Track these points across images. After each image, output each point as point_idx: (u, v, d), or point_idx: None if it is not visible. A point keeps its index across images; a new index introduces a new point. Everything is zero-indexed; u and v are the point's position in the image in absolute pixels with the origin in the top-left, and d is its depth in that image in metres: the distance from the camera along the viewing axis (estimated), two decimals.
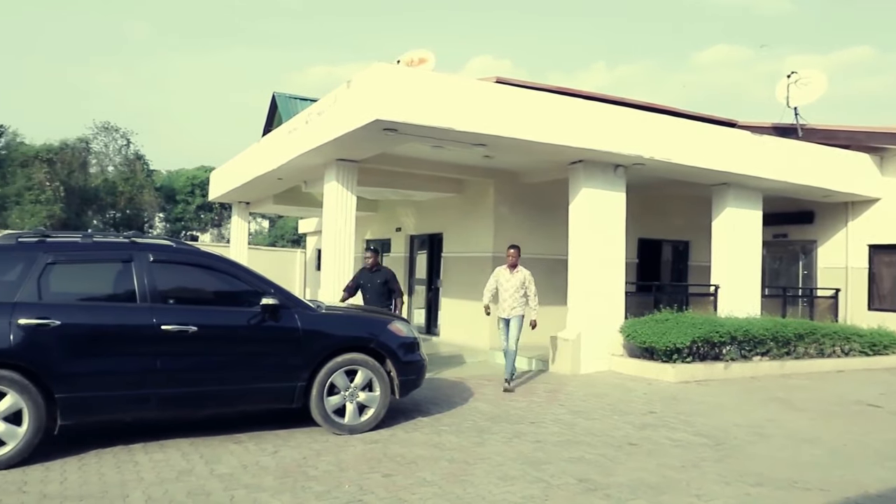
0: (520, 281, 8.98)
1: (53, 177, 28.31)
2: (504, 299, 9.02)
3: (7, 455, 5.08)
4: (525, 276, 9.01)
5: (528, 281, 8.99)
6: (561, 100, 9.83)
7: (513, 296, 8.95)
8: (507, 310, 9.01)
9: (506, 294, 9.01)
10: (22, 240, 5.71)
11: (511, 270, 9.05)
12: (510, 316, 8.98)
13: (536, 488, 4.94)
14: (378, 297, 9.53)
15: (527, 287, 8.98)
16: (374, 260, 9.71)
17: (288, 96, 22.29)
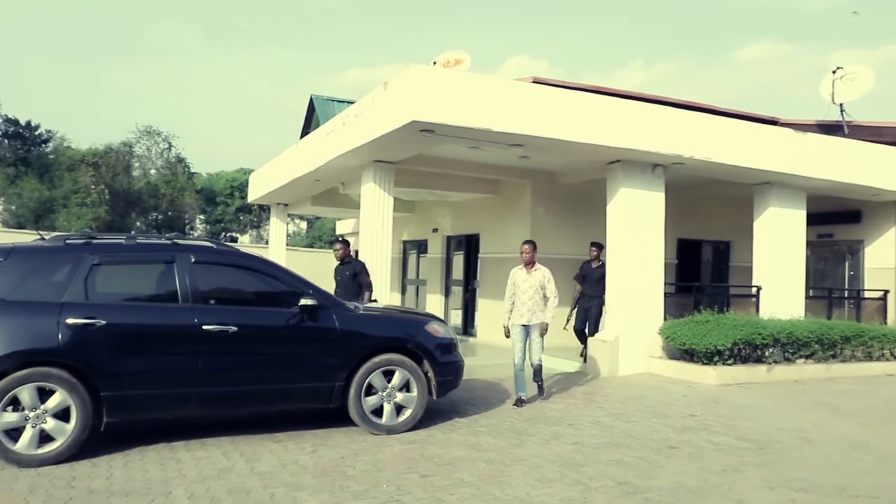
0: (538, 281, 8.00)
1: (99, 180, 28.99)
2: (522, 303, 7.99)
3: (56, 451, 5.22)
4: (544, 274, 8.03)
5: (548, 280, 8.03)
6: (598, 99, 9.75)
7: (532, 298, 7.95)
8: (525, 315, 7.96)
9: (524, 297, 7.99)
10: (69, 242, 5.86)
11: (528, 270, 8.07)
12: (530, 323, 7.95)
13: (574, 491, 4.89)
14: (347, 291, 9.25)
15: (546, 287, 8.03)
16: (343, 252, 9.52)
17: (325, 98, 22.46)
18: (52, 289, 5.49)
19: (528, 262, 8.06)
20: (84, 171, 28.84)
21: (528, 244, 8.12)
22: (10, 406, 5.13)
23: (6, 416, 5.11)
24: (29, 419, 5.17)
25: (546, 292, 8.02)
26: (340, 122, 10.88)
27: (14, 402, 5.14)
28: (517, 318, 8.00)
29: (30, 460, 5.14)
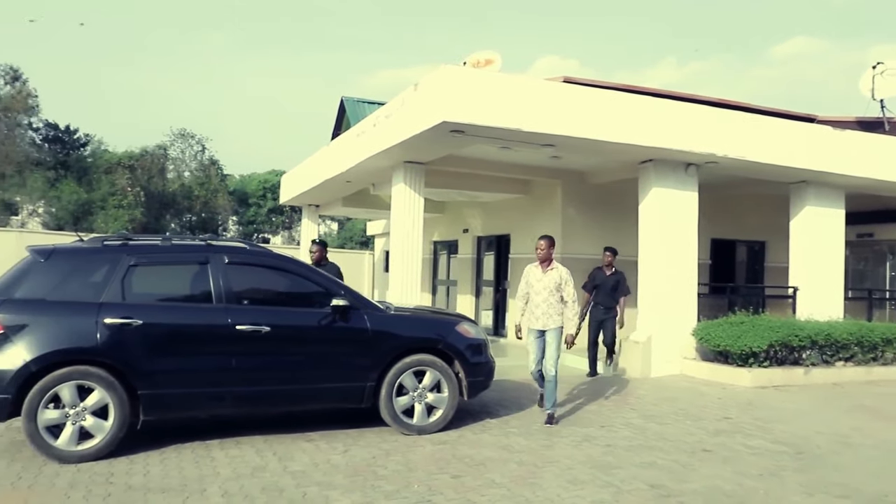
0: (553, 282, 7.05)
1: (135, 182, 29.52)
2: (536, 305, 7.08)
3: (95, 447, 5.33)
4: (560, 275, 7.05)
5: (565, 281, 7.04)
6: (630, 98, 9.66)
7: (546, 300, 7.00)
8: (540, 319, 7.05)
9: (537, 298, 7.06)
10: (107, 243, 5.97)
11: (543, 268, 7.15)
12: (545, 327, 7.03)
13: (607, 493, 4.85)
14: None
15: (563, 289, 7.06)
16: (319, 254, 9.05)
17: (356, 100, 22.58)
18: (90, 289, 5.60)
19: (543, 259, 7.14)
20: (121, 174, 29.38)
21: (543, 239, 7.20)
22: (51, 403, 5.25)
23: (48, 413, 5.23)
24: (69, 416, 5.29)
25: (564, 295, 7.03)
26: (371, 123, 10.94)
27: (55, 400, 5.26)
28: (532, 322, 7.13)
29: (70, 456, 5.25)
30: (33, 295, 5.47)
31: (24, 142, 29.16)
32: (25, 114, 28.63)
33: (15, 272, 5.64)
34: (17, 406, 5.20)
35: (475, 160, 11.59)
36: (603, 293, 10.04)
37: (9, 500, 4.51)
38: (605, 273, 10.09)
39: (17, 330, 5.27)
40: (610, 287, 9.99)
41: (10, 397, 5.16)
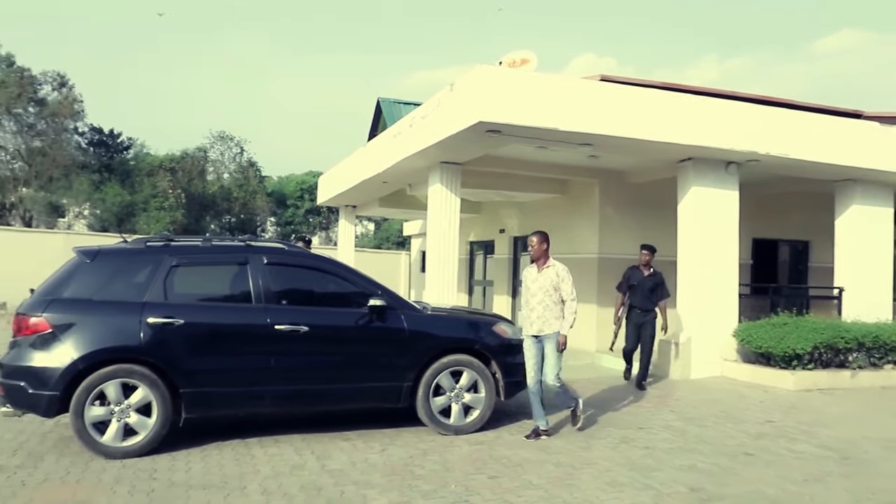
0: (549, 281, 6.37)
1: (175, 184, 30.03)
2: (531, 308, 6.43)
3: (139, 444, 5.44)
4: (557, 273, 6.37)
5: (563, 279, 6.37)
6: (669, 96, 9.54)
7: (542, 302, 6.35)
8: (535, 323, 6.39)
9: (533, 301, 6.42)
10: (150, 244, 6.10)
11: (538, 267, 6.51)
12: (541, 332, 6.36)
13: (646, 496, 4.80)
14: None
15: (560, 290, 6.42)
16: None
17: (392, 101, 22.70)
18: (134, 289, 5.73)
19: (536, 257, 6.49)
20: (162, 177, 29.92)
21: (535, 235, 6.53)
22: (97, 401, 5.38)
23: (94, 410, 5.36)
24: (114, 413, 5.41)
25: (562, 294, 6.41)
26: (407, 123, 10.98)
27: (101, 397, 5.39)
28: (527, 326, 6.48)
29: (115, 452, 5.38)
30: (80, 295, 5.60)
31: (71, 146, 29.86)
32: (72, 119, 29.33)
33: (62, 273, 5.79)
34: (65, 403, 5.34)
35: (512, 160, 11.56)
36: (640, 295, 9.17)
37: (59, 493, 4.63)
38: (642, 273, 9.23)
39: (65, 329, 5.41)
40: (648, 288, 9.14)
41: (59, 394, 5.30)
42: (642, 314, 9.19)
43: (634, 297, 9.23)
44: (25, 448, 5.69)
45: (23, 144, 28.17)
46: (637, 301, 9.22)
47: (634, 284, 9.24)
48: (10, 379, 5.39)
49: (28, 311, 5.49)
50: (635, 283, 9.23)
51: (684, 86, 11.30)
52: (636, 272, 9.29)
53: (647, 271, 9.24)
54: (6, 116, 27.46)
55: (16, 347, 5.49)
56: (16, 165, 28.43)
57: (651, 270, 9.24)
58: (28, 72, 28.05)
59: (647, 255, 9.27)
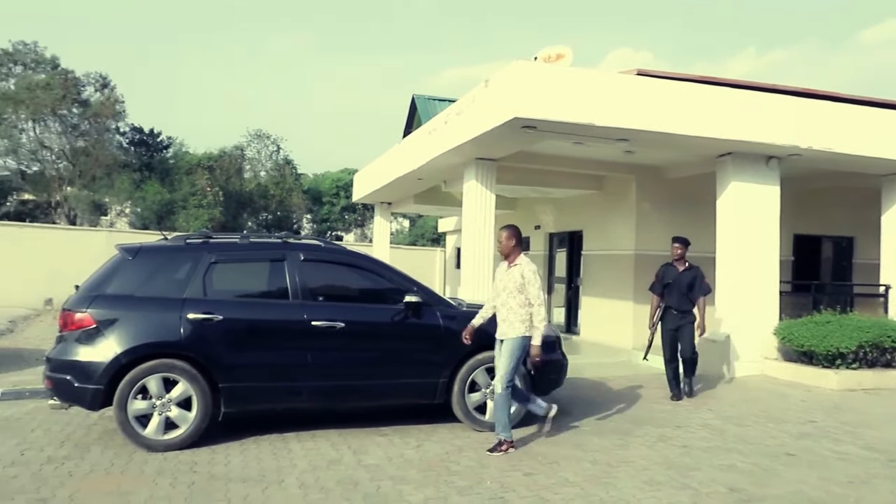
0: (514, 281, 5.81)
1: (213, 182, 30.45)
2: (497, 309, 5.95)
3: (180, 437, 5.55)
4: (523, 272, 5.80)
5: (528, 281, 5.77)
6: (707, 90, 9.39)
7: (506, 304, 5.81)
8: (500, 326, 5.88)
9: (498, 300, 5.91)
10: (189, 241, 6.21)
11: (508, 265, 5.99)
12: (503, 336, 5.82)
13: (684, 495, 4.74)
14: None
15: (527, 290, 5.79)
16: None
17: (427, 98, 22.72)
18: (174, 285, 5.83)
19: (504, 253, 6.00)
20: (200, 175, 30.37)
21: (504, 230, 6.05)
22: (139, 394, 5.50)
23: (136, 404, 5.48)
24: (156, 407, 5.52)
25: (529, 298, 5.79)
26: (442, 120, 10.98)
27: (143, 391, 5.51)
28: (496, 329, 5.97)
29: (157, 445, 5.49)
30: (122, 291, 5.73)
31: (112, 145, 30.49)
32: (113, 119, 29.95)
33: (105, 269, 5.93)
34: (109, 396, 5.47)
35: (547, 156, 11.50)
36: (676, 294, 8.21)
37: (104, 484, 4.75)
38: (676, 269, 8.28)
39: (109, 324, 5.54)
40: (685, 286, 8.20)
41: (103, 388, 5.43)
42: (679, 316, 8.19)
43: (670, 296, 8.25)
44: (72, 439, 5.84)
45: (67, 145, 28.84)
46: (673, 301, 8.23)
47: (669, 283, 8.27)
48: (56, 373, 5.54)
49: (73, 306, 5.63)
50: (670, 282, 8.27)
51: (723, 79, 11.10)
52: (670, 269, 8.35)
53: (682, 266, 8.30)
54: (51, 118, 28.13)
55: (62, 342, 5.64)
56: (61, 165, 29.13)
57: (686, 265, 8.30)
58: (72, 74, 28.72)
59: (679, 249, 8.32)
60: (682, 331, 8.20)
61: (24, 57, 28.74)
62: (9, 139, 27.96)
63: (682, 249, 8.32)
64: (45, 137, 28.76)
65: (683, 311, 8.20)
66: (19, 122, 28.08)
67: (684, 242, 8.36)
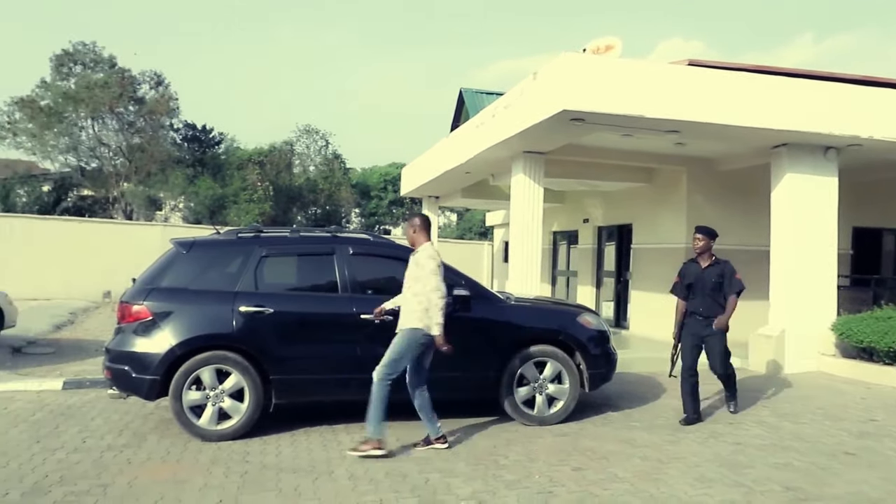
0: (411, 269, 5.59)
1: (264, 177, 30.95)
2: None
3: (232, 427, 5.67)
4: (417, 258, 5.54)
5: (419, 265, 5.48)
6: (761, 79, 9.14)
7: (404, 294, 5.61)
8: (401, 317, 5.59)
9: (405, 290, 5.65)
10: (241, 235, 6.33)
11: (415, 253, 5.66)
12: (400, 327, 5.54)
13: (737, 493, 4.64)
14: None
15: (423, 279, 5.42)
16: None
17: (475, 91, 22.69)
18: (226, 279, 5.96)
19: (410, 243, 5.78)
20: (251, 170, 30.90)
21: (415, 217, 5.79)
22: (193, 385, 5.63)
23: (191, 395, 5.62)
24: (209, 398, 5.65)
25: (425, 285, 5.40)
26: (490, 113, 10.95)
27: (197, 382, 5.64)
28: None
29: (210, 435, 5.62)
30: (177, 284, 5.87)
31: (167, 142, 31.25)
32: (168, 116, 30.70)
33: (161, 263, 6.09)
34: (164, 387, 5.62)
35: (596, 149, 11.37)
36: (701, 295, 6.79)
37: (161, 472, 4.88)
38: (699, 265, 6.87)
39: (164, 317, 5.68)
40: (710, 285, 6.75)
41: (159, 378, 5.59)
42: (705, 322, 6.76)
43: (693, 299, 6.87)
44: (130, 428, 6.03)
45: (124, 141, 29.68)
46: (696, 304, 6.83)
47: (693, 282, 6.86)
48: (115, 363, 5.71)
49: (130, 299, 5.80)
50: (694, 281, 6.85)
51: (778, 68, 10.81)
52: (692, 266, 6.95)
53: (707, 262, 6.85)
54: (109, 115, 28.98)
55: (120, 333, 5.81)
56: (118, 161, 29.99)
57: (713, 259, 6.85)
58: (128, 72, 29.53)
59: (701, 241, 6.84)
60: (708, 341, 6.76)
61: (83, 57, 29.64)
62: (69, 137, 28.91)
63: (704, 241, 6.83)
64: (103, 135, 29.64)
65: (709, 316, 6.75)
66: (79, 121, 29.00)
67: (708, 233, 6.88)
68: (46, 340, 11.59)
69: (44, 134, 28.42)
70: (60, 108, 28.25)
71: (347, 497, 4.46)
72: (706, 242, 6.84)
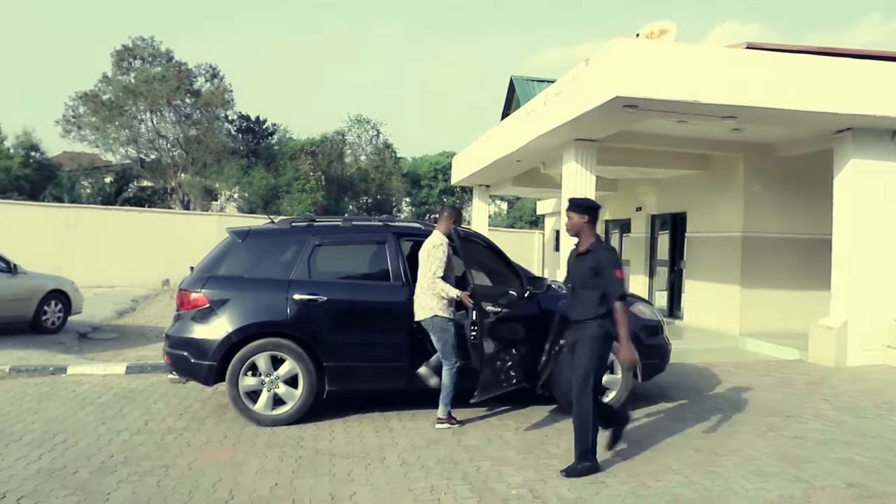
0: (424, 253, 5.84)
1: (316, 167, 31.34)
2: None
3: (287, 413, 5.78)
4: (428, 246, 5.84)
5: (433, 255, 5.74)
6: (824, 61, 8.82)
7: (419, 282, 5.87)
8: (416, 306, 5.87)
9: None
10: (294, 224, 6.42)
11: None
12: (420, 319, 5.82)
13: (796, 488, 4.53)
14: None
15: (428, 264, 5.74)
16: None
17: (525, 79, 22.50)
18: (281, 267, 6.06)
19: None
20: (303, 160, 31.32)
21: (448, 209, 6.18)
22: (249, 371, 5.76)
23: (247, 380, 5.75)
24: (264, 384, 5.77)
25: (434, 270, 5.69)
26: (541, 101, 10.84)
27: (252, 368, 5.77)
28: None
29: (266, 420, 5.74)
30: (233, 272, 6.01)
31: (222, 133, 31.91)
32: (223, 108, 31.35)
33: (217, 252, 6.23)
34: (221, 372, 5.76)
35: (649, 135, 11.15)
36: (571, 291, 5.03)
37: (219, 455, 5.02)
38: (575, 251, 5.01)
39: (221, 304, 5.82)
40: (579, 278, 4.86)
41: (216, 364, 5.73)
42: (574, 327, 4.90)
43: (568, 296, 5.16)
44: (189, 412, 6.21)
45: (181, 133, 30.46)
46: (568, 303, 5.10)
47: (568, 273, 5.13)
48: (175, 349, 5.89)
49: (189, 287, 5.95)
50: (568, 271, 5.11)
51: (842, 49, 10.44)
52: (572, 252, 5.07)
53: (584, 247, 4.91)
54: (167, 108, 29.76)
55: (179, 320, 5.98)
56: (175, 153, 30.79)
57: (590, 244, 4.87)
58: (185, 66, 30.24)
59: (577, 220, 4.92)
60: (577, 347, 4.82)
61: (142, 51, 30.47)
62: (130, 129, 29.79)
63: (581, 221, 4.92)
64: (161, 127, 30.47)
65: (579, 321, 4.84)
66: (139, 113, 29.85)
67: (580, 208, 4.95)
68: (110, 326, 12.01)
69: (106, 127, 29.36)
70: (121, 101, 29.13)
71: (399, 483, 4.51)
72: (580, 220, 4.91)
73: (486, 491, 4.39)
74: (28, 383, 7.35)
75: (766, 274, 11.72)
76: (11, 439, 5.28)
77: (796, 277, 11.68)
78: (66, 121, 29.92)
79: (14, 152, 28.98)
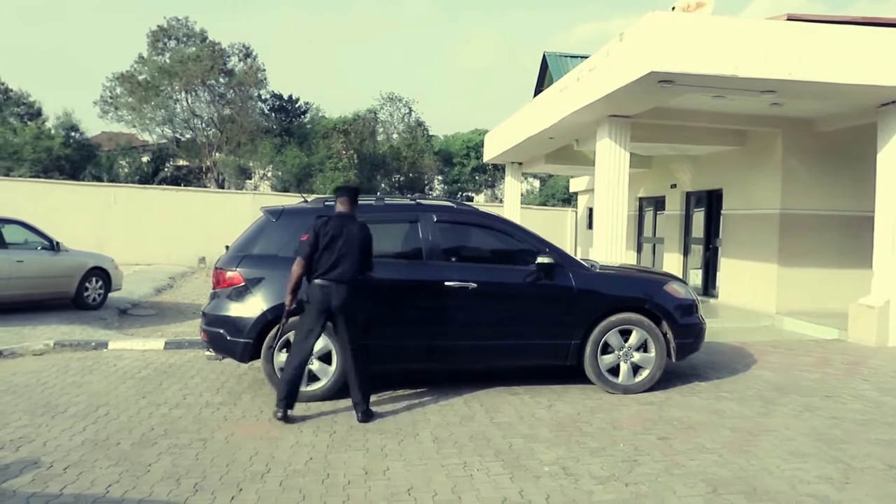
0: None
1: (348, 146, 31.42)
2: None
3: (321, 389, 5.85)
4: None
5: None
6: (868, 32, 8.54)
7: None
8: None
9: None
10: (328, 203, 6.45)
11: None
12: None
13: (834, 469, 4.47)
14: None
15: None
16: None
17: (558, 55, 22.20)
18: None
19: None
20: (336, 139, 31.41)
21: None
22: (284, 349, 5.80)
23: (281, 357, 5.79)
24: None
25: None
26: (574, 77, 10.71)
27: (287, 346, 5.81)
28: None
29: (301, 395, 5.76)
30: (268, 251, 6.07)
31: (255, 112, 32.13)
32: (256, 87, 31.54)
33: (252, 231, 6.29)
34: (256, 349, 5.84)
35: (685, 111, 10.95)
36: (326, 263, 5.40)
37: (255, 429, 5.12)
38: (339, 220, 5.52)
39: (256, 283, 5.89)
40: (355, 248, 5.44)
41: (252, 342, 5.81)
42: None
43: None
44: (226, 387, 6.33)
45: (215, 113, 30.76)
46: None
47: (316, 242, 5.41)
48: (211, 326, 5.98)
49: (224, 265, 6.03)
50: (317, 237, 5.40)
51: (887, 19, 10.09)
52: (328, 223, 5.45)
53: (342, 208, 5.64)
54: (201, 88, 30.04)
55: (215, 298, 6.07)
56: (210, 132, 31.12)
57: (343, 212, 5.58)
58: (219, 45, 30.44)
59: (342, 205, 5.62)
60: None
61: (176, 32, 30.73)
62: (165, 109, 30.15)
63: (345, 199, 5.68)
64: (196, 106, 30.79)
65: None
66: (174, 94, 30.18)
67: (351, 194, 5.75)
68: (149, 303, 12.27)
69: (142, 107, 29.77)
70: (157, 81, 29.46)
71: (432, 458, 4.55)
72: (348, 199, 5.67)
73: (519, 468, 4.41)
74: (71, 357, 7.55)
75: (804, 252, 11.50)
76: (57, 411, 5.45)
77: (835, 255, 11.44)
78: (103, 101, 30.41)
79: (55, 133, 29.53)
